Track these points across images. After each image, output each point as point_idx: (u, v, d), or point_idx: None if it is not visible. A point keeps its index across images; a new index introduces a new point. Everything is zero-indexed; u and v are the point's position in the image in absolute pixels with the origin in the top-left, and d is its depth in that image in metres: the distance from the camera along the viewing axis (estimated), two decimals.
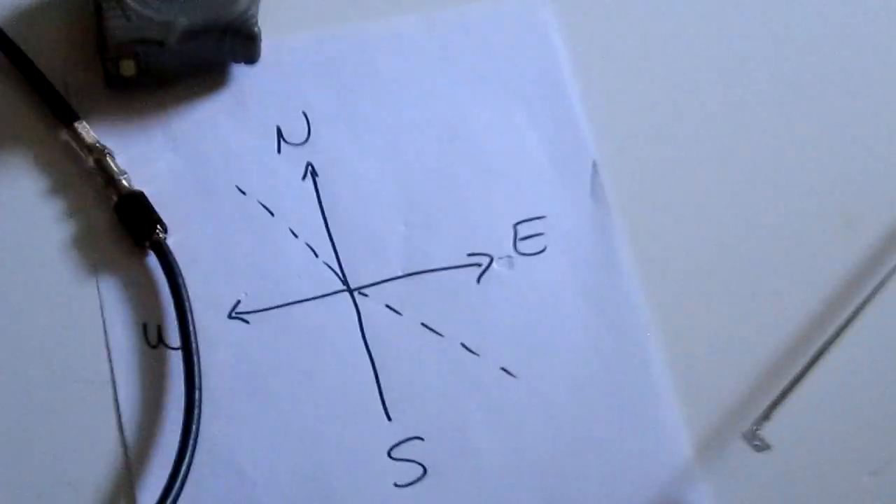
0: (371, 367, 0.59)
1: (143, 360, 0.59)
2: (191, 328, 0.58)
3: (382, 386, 0.59)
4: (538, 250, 0.63)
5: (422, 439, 0.58)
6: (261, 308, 0.60)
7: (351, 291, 0.61)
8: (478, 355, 0.60)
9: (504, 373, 0.59)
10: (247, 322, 0.59)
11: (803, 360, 0.60)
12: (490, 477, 0.58)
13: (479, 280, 0.61)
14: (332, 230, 0.62)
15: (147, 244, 0.60)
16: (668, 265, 0.64)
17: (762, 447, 0.55)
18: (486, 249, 0.62)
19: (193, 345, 0.58)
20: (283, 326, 0.60)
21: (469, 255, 0.62)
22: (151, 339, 0.60)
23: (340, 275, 0.61)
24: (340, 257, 0.61)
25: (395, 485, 0.57)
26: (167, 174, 0.63)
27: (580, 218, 0.64)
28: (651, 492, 0.58)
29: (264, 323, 0.60)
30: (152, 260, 0.60)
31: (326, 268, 0.61)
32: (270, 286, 0.61)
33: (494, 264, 0.62)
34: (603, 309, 0.62)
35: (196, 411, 0.56)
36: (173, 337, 0.59)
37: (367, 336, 0.60)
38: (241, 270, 0.61)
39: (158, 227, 0.60)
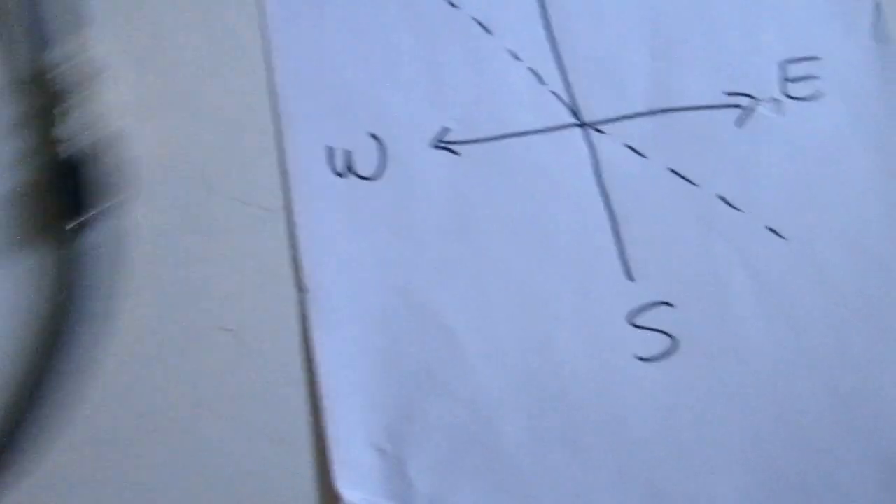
0: (608, 217, 0.46)
1: None
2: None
3: (623, 239, 0.46)
4: (812, 95, 0.49)
5: (671, 305, 0.45)
6: (473, 139, 0.48)
7: (584, 126, 0.48)
8: (740, 210, 0.47)
9: (771, 233, 0.46)
10: (456, 153, 0.47)
11: None
12: (754, 357, 0.46)
13: (740, 124, 0.48)
14: (561, 54, 0.50)
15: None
16: None
17: None
18: (746, 89, 0.50)
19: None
20: (500, 162, 0.47)
21: (727, 94, 0.49)
22: None
23: (572, 106, 0.48)
24: (572, 86, 0.49)
25: (638, 357, 0.45)
26: None
27: (862, 62, 0.52)
28: None
29: (477, 155, 0.48)
30: None
31: (554, 97, 0.49)
32: (485, 114, 0.49)
33: (760, 107, 0.48)
34: (893, 168, 0.47)
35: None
36: None
37: (603, 179, 0.47)
38: (450, 94, 0.49)
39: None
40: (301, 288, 0.46)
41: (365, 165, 0.48)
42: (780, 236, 0.48)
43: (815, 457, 0.44)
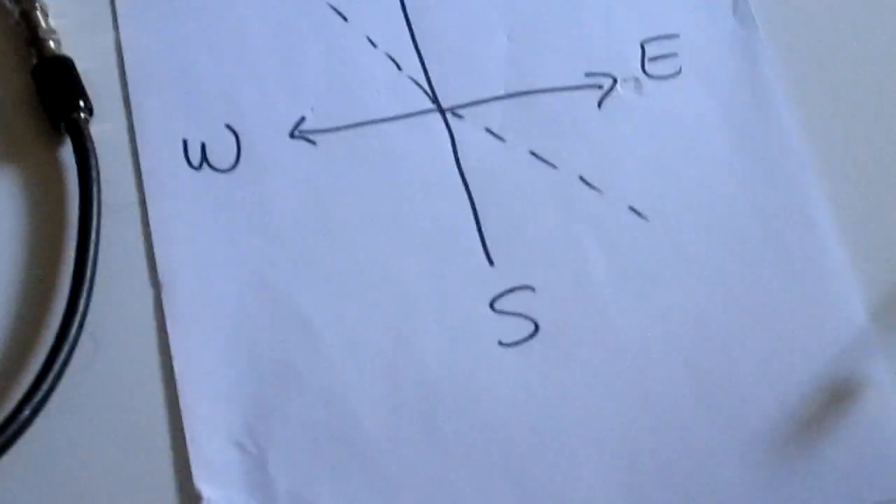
0: (468, 201, 0.46)
1: None
2: (92, 238, 0.46)
3: (482, 223, 0.46)
4: (671, 73, 0.49)
5: (532, 289, 0.45)
6: (330, 127, 0.47)
7: (443, 111, 0.48)
8: (600, 192, 0.47)
9: (633, 213, 0.46)
10: (313, 143, 0.46)
11: None
12: (615, 338, 0.45)
13: (600, 104, 0.48)
14: (418, 40, 0.50)
15: (63, 126, 0.47)
16: (829, 100, 0.52)
17: None
18: (607, 69, 0.50)
19: (90, 256, 0.45)
20: (357, 150, 0.47)
21: (587, 74, 0.49)
22: None
23: (430, 92, 0.48)
24: (429, 71, 0.49)
25: (500, 343, 0.44)
26: None
27: (721, 39, 0.52)
28: (818, 365, 0.45)
29: (335, 144, 0.47)
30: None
31: (412, 83, 0.48)
32: (342, 102, 0.48)
33: (619, 87, 0.48)
34: (753, 148, 0.50)
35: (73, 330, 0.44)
36: None
37: (462, 164, 0.47)
38: (307, 83, 0.49)
39: (81, 104, 0.47)
40: (155, 284, 0.45)
41: (221, 158, 0.47)
42: (642, 216, 0.48)
43: (677, 437, 0.45)
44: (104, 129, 0.48)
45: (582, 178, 0.48)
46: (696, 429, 0.45)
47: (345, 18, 0.50)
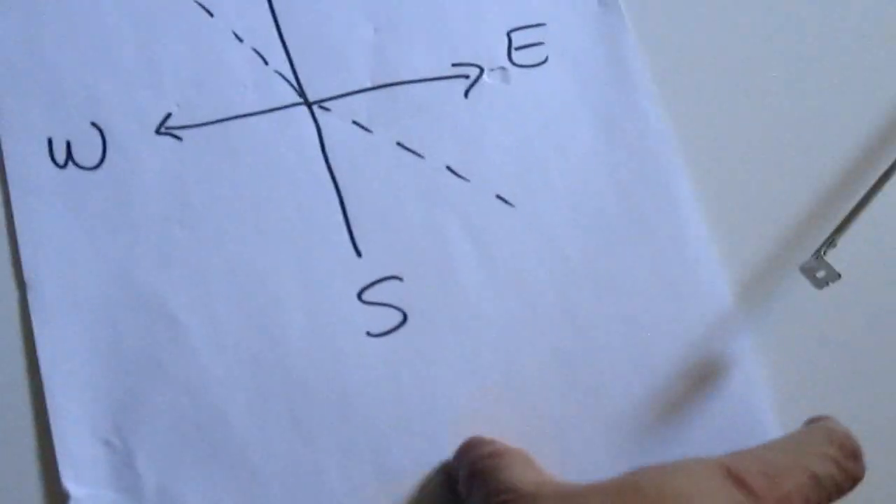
0: (335, 193, 0.47)
1: None
2: None
3: (350, 215, 0.46)
4: (538, 62, 0.50)
5: (400, 279, 0.46)
6: (196, 123, 0.47)
7: (309, 104, 0.48)
8: (467, 180, 0.47)
9: (500, 201, 0.47)
10: (179, 139, 0.47)
11: (861, 188, 0.48)
12: (484, 325, 0.46)
13: (466, 94, 0.49)
14: (284, 34, 0.50)
15: None
16: (692, 83, 0.53)
17: (827, 278, 0.42)
18: (474, 59, 0.50)
19: None
20: (224, 145, 0.47)
21: (454, 64, 0.49)
22: None
23: (296, 85, 0.48)
24: (295, 65, 0.49)
25: (369, 333, 0.45)
26: None
27: (587, 25, 0.52)
28: (683, 345, 0.46)
29: (201, 140, 0.47)
30: None
31: (279, 77, 0.49)
32: (208, 97, 0.48)
33: (486, 76, 0.49)
34: (617, 132, 0.50)
35: None
36: None
37: (329, 157, 0.47)
38: (172, 79, 0.48)
39: None
40: (21, 284, 0.45)
41: (86, 155, 0.47)
42: (508, 203, 0.48)
43: (543, 421, 0.45)
44: None
45: (448, 168, 0.48)
46: (563, 413, 0.45)
47: (210, 13, 0.50)
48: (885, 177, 0.47)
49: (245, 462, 0.43)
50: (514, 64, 0.51)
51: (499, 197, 0.48)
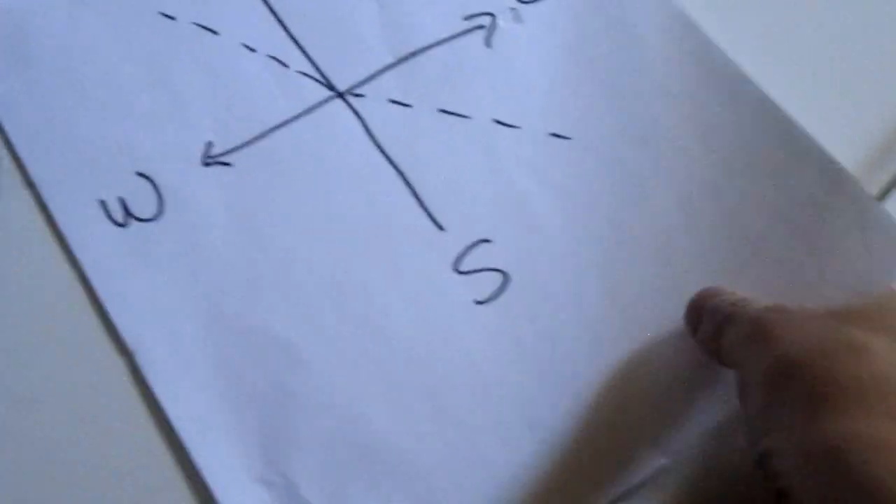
0: (398, 175, 0.46)
1: None
2: None
3: (419, 193, 0.46)
4: None
5: (489, 241, 0.44)
6: (239, 144, 0.46)
7: (342, 95, 0.47)
8: (518, 128, 0.47)
9: (555, 137, 0.46)
10: (227, 164, 0.46)
11: None
12: (582, 262, 0.46)
13: (488, 43, 0.48)
14: (294, 33, 0.49)
15: None
16: None
17: None
18: (483, 7, 0.49)
19: None
20: (273, 158, 0.47)
21: (465, 18, 0.48)
22: None
23: (323, 80, 0.47)
24: (315, 61, 0.48)
25: (476, 302, 0.44)
26: None
27: None
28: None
29: (250, 159, 0.47)
30: None
31: (304, 77, 0.48)
32: (241, 116, 0.48)
33: (500, 21, 0.48)
34: (638, 36, 0.48)
35: None
36: None
37: (379, 141, 0.47)
38: (199, 108, 0.47)
39: None
40: (125, 352, 0.43)
41: (143, 207, 0.46)
42: (564, 137, 0.48)
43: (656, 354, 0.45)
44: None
45: (496, 121, 0.48)
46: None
47: (214, 32, 0.49)
48: None
49: (403, 462, 0.42)
50: (521, 1, 0.50)
51: (553, 134, 0.47)
